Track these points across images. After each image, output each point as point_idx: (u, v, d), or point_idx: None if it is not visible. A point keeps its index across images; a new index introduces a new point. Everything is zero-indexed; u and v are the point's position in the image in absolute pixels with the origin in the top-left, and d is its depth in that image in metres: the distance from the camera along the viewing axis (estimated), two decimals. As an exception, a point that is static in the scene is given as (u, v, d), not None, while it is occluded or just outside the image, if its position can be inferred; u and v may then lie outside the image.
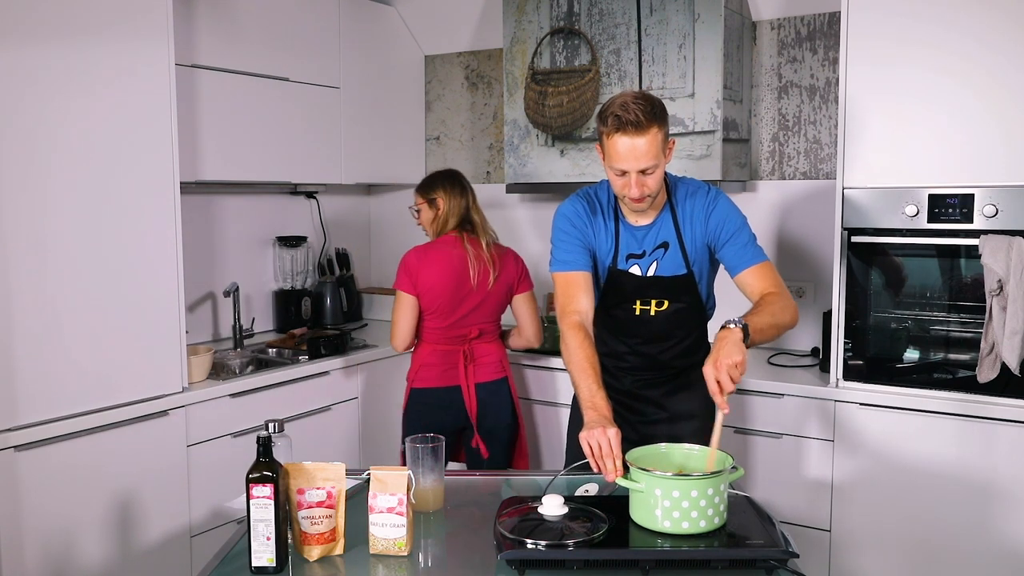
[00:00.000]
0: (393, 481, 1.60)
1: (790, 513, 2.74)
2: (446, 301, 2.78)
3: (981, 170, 2.46)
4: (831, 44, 3.12)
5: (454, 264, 2.78)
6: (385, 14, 3.80)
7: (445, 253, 2.79)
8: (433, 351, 2.83)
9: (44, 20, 2.30)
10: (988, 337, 2.41)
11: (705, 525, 1.57)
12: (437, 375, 2.82)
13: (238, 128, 3.16)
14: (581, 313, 2.03)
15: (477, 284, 2.78)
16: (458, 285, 2.78)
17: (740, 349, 1.72)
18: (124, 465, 2.52)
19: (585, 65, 3.25)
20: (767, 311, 1.90)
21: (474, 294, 2.80)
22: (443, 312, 2.80)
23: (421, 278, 2.78)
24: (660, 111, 1.92)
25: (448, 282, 2.77)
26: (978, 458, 2.48)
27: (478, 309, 2.82)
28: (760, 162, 3.30)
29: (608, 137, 1.92)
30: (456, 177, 2.91)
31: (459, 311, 2.80)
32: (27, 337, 2.30)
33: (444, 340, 2.82)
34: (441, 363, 2.82)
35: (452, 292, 2.78)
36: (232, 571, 1.57)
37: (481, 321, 2.84)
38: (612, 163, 1.94)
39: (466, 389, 2.81)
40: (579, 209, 2.11)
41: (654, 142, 1.89)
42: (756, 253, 2.03)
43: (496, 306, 2.86)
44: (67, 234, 2.39)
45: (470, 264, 2.78)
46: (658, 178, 1.95)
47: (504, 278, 2.84)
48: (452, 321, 2.80)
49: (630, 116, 1.87)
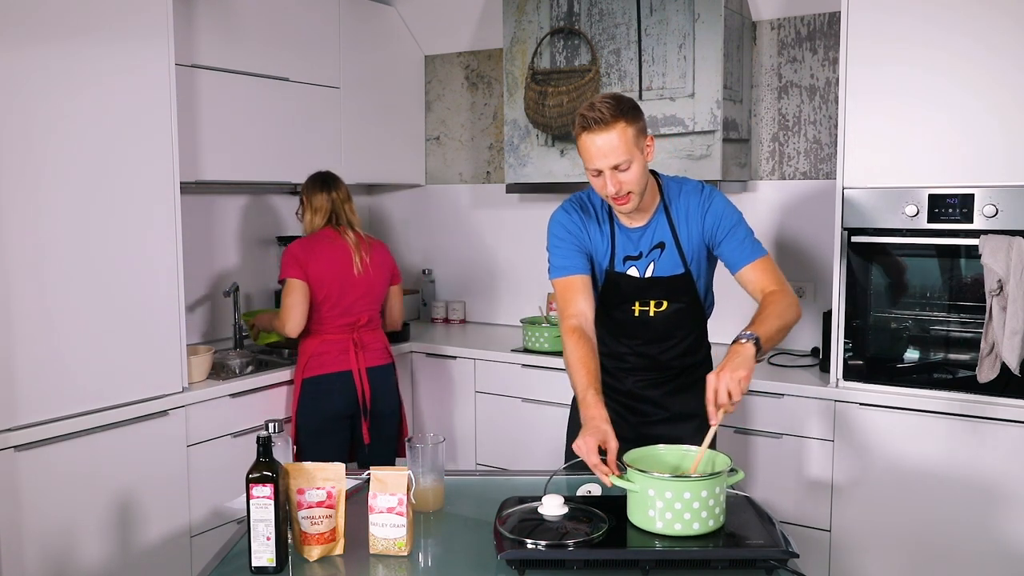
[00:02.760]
0: (393, 481, 1.60)
1: (790, 513, 2.74)
2: (335, 289, 2.90)
3: (981, 170, 2.46)
4: (831, 44, 3.12)
5: (337, 254, 2.91)
6: (385, 14, 3.80)
7: (327, 245, 2.92)
8: (323, 341, 2.92)
9: (44, 20, 2.30)
10: (988, 337, 2.41)
11: (698, 527, 1.56)
12: (328, 362, 2.91)
13: (238, 128, 3.16)
14: (579, 316, 2.04)
15: (361, 272, 2.93)
16: (345, 273, 2.91)
17: (748, 365, 1.73)
18: (124, 465, 2.53)
19: (585, 65, 3.25)
20: (773, 313, 1.89)
21: (359, 281, 2.93)
22: (333, 299, 2.90)
23: (310, 268, 2.87)
24: (628, 107, 1.93)
25: (335, 269, 2.89)
26: (978, 458, 2.48)
27: (364, 296, 2.96)
28: (760, 162, 3.30)
29: (579, 139, 1.95)
30: (323, 179, 3.00)
31: (347, 298, 2.92)
32: (27, 337, 2.30)
33: (334, 329, 2.93)
34: (332, 350, 2.92)
35: (340, 280, 2.90)
36: (232, 571, 1.57)
37: (368, 308, 2.98)
38: (586, 163, 1.97)
39: (357, 374, 2.92)
40: (573, 214, 2.13)
41: (622, 137, 1.90)
42: (755, 248, 2.03)
43: (380, 293, 3.02)
44: (67, 234, 2.39)
45: (353, 253, 2.92)
46: (636, 175, 1.95)
47: (384, 267, 3.02)
48: (342, 308, 2.92)
49: (594, 114, 1.90)
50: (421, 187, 4.13)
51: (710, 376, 1.72)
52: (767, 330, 1.83)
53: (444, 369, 3.48)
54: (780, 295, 1.95)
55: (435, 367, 3.51)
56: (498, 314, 3.97)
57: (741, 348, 1.76)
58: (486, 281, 4.00)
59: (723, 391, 1.69)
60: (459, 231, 4.05)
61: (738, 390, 1.69)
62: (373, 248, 3.00)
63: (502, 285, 3.95)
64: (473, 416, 3.43)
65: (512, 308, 3.89)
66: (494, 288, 3.98)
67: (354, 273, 2.91)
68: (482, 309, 4.03)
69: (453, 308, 4.03)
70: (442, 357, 3.49)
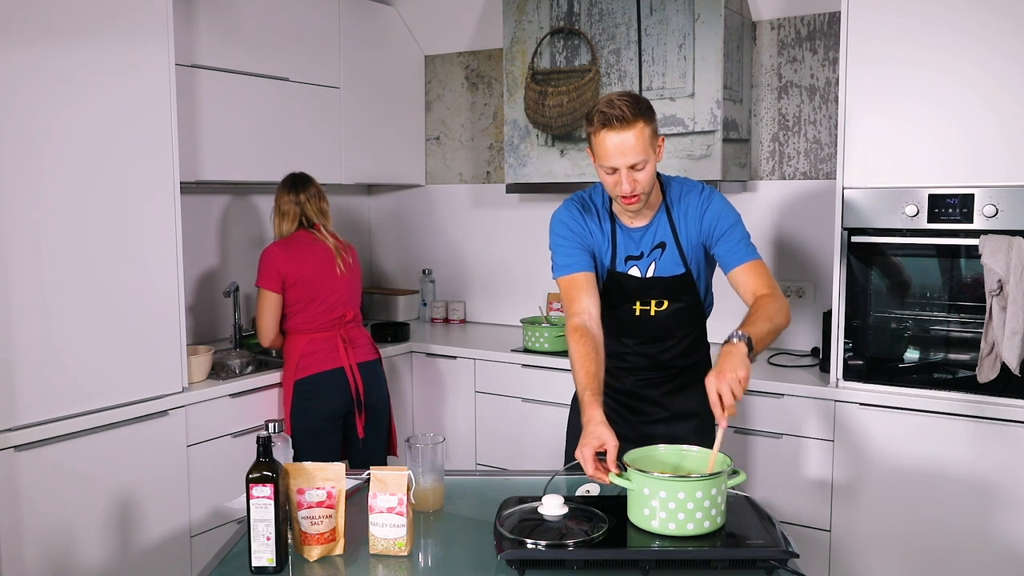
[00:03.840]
0: (393, 481, 1.60)
1: (790, 513, 2.74)
2: (321, 289, 2.94)
3: (981, 170, 2.46)
4: (831, 44, 3.12)
5: (319, 254, 2.94)
6: (385, 14, 3.80)
7: (307, 246, 2.94)
8: (312, 340, 2.94)
9: (44, 20, 2.30)
10: (988, 337, 2.41)
11: (693, 528, 1.56)
12: (320, 360, 2.93)
13: (238, 128, 3.16)
14: (582, 314, 2.04)
15: (344, 269, 2.97)
16: (328, 272, 2.95)
17: (745, 363, 1.72)
18: (124, 465, 2.53)
19: (585, 65, 3.25)
20: (763, 316, 1.89)
21: (342, 279, 2.97)
22: (320, 298, 2.93)
23: (292, 272, 2.89)
24: (646, 107, 1.94)
25: (318, 269, 2.93)
26: (978, 458, 2.48)
27: (348, 292, 3.00)
28: (760, 162, 3.30)
29: (596, 135, 1.94)
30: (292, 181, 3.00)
31: (333, 296, 2.95)
32: (27, 337, 2.30)
33: (321, 327, 2.95)
34: (322, 348, 2.94)
35: (324, 279, 2.94)
36: (232, 571, 1.57)
37: (352, 304, 3.03)
38: (602, 161, 1.95)
39: (349, 370, 2.95)
40: (573, 212, 2.13)
41: (641, 136, 1.90)
42: (749, 251, 2.03)
43: (360, 290, 3.10)
44: (67, 234, 2.39)
45: (335, 251, 2.97)
46: (649, 174, 1.95)
47: (355, 265, 3.06)
48: (328, 306, 2.95)
49: (615, 112, 1.89)
50: (421, 187, 4.13)
51: (709, 379, 1.71)
52: (758, 331, 1.82)
53: (444, 369, 3.49)
54: (771, 298, 1.94)
55: (435, 367, 3.51)
56: (498, 314, 3.97)
57: (734, 348, 1.75)
58: (486, 281, 4.00)
59: (727, 393, 1.68)
60: (459, 231, 4.05)
61: (740, 389, 1.68)
62: (349, 247, 3.07)
63: (502, 285, 3.95)
64: (473, 416, 3.43)
65: (512, 308, 3.89)
66: (494, 288, 3.98)
67: (337, 272, 2.95)
68: (482, 309, 4.03)
69: (453, 308, 4.03)
70: (442, 357, 3.49)
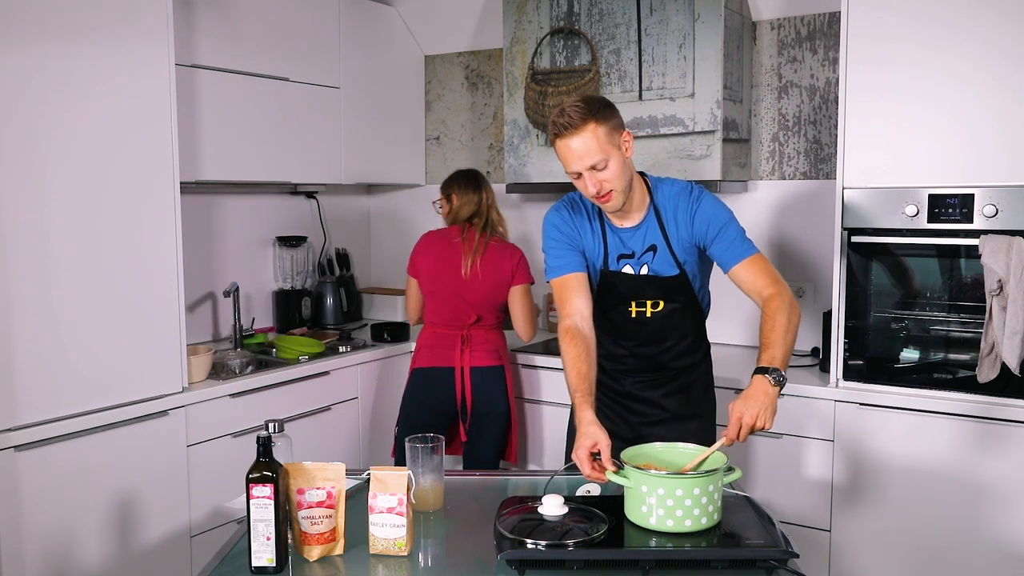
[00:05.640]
0: (393, 481, 1.60)
1: (790, 513, 2.74)
2: (439, 284, 2.96)
3: (981, 170, 2.46)
4: (831, 44, 3.12)
5: (446, 251, 2.96)
6: (385, 14, 3.80)
7: (443, 241, 2.99)
8: (433, 333, 3.00)
9: (43, 20, 2.30)
10: (988, 337, 2.41)
11: (691, 524, 1.57)
12: (432, 356, 2.98)
13: (238, 128, 3.16)
14: (574, 316, 2.05)
15: (469, 272, 2.92)
16: (450, 271, 2.94)
17: (774, 410, 1.79)
18: (124, 465, 2.52)
19: (585, 65, 3.25)
20: (779, 328, 1.89)
21: (468, 281, 2.93)
22: (438, 295, 2.97)
23: (420, 262, 3.01)
24: (597, 107, 1.94)
25: (439, 267, 2.96)
26: (978, 458, 2.48)
27: (473, 296, 2.94)
28: (760, 162, 3.30)
29: (554, 146, 1.98)
30: (472, 176, 3.07)
31: (454, 295, 2.95)
32: (27, 337, 2.30)
33: (443, 323, 2.99)
34: (438, 344, 2.97)
35: (444, 276, 2.95)
36: (232, 571, 1.57)
37: (478, 308, 2.96)
38: (565, 168, 1.99)
39: (459, 371, 2.94)
40: (563, 213, 2.14)
41: (594, 137, 1.91)
42: (746, 247, 2.02)
43: (491, 296, 2.97)
44: (67, 234, 2.39)
45: (463, 253, 2.94)
46: (615, 172, 1.95)
47: (494, 269, 2.95)
48: (448, 305, 2.96)
49: (564, 120, 1.92)
50: (421, 187, 4.13)
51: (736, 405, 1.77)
52: (784, 354, 1.86)
53: (444, 369, 3.48)
54: (780, 300, 1.93)
55: (435, 367, 3.50)
56: (498, 314, 3.97)
57: (770, 390, 1.79)
58: (486, 281, 3.99)
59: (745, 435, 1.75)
60: (459, 231, 4.05)
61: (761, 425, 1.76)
62: (492, 251, 2.95)
63: (502, 285, 3.94)
64: (473, 416, 3.42)
65: (512, 308, 3.88)
66: (494, 288, 3.97)
67: (461, 272, 2.92)
68: (482, 309, 4.02)
69: (453, 308, 4.03)
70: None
